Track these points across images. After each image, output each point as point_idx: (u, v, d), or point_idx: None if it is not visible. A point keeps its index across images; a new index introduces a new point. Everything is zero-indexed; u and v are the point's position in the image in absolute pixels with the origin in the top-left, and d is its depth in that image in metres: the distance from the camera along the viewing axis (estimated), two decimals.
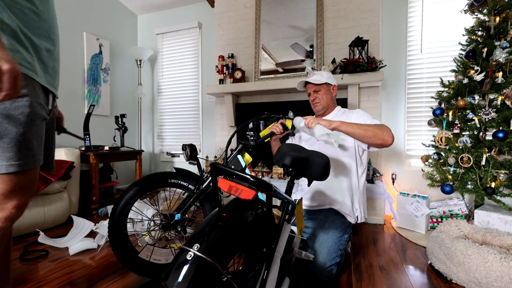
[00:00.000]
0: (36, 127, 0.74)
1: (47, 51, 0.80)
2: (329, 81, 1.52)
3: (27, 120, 0.70)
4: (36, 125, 0.74)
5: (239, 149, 1.43)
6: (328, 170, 1.03)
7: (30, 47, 0.73)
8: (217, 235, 0.65)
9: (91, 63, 2.99)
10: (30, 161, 0.73)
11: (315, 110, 1.58)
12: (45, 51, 0.79)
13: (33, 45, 0.74)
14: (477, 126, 1.78)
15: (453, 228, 1.51)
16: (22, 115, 0.69)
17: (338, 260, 1.26)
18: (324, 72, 1.54)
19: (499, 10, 1.81)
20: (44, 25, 0.78)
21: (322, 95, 1.52)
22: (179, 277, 0.57)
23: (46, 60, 0.80)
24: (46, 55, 0.80)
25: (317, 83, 1.50)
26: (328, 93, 1.53)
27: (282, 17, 2.66)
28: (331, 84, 1.54)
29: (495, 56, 1.75)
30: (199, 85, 3.39)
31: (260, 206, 0.80)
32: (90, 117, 2.49)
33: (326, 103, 1.53)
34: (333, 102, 1.57)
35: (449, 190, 1.79)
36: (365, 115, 1.41)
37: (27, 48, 0.72)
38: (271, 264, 0.76)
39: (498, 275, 1.12)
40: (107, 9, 3.23)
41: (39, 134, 0.76)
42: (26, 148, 0.71)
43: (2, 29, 0.66)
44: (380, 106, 2.52)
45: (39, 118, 0.75)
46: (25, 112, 0.70)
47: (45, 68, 0.79)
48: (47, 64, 0.80)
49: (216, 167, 0.73)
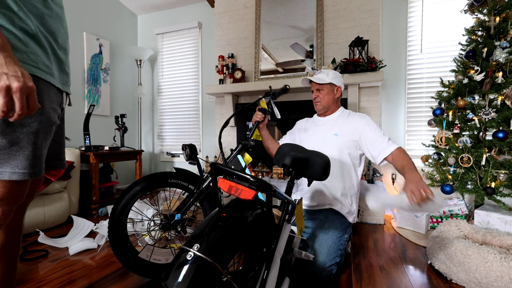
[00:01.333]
0: (47, 134, 0.72)
1: (63, 48, 0.78)
2: (334, 82, 1.49)
3: (39, 128, 0.68)
4: (47, 132, 0.72)
5: (239, 149, 1.43)
6: (328, 170, 1.03)
7: (49, 47, 0.71)
8: (217, 235, 0.65)
9: (91, 63, 2.99)
10: (36, 170, 0.70)
11: (316, 109, 1.57)
12: (61, 48, 0.77)
13: (50, 44, 0.72)
14: (477, 126, 1.78)
15: (453, 228, 1.51)
16: (36, 123, 0.67)
17: (338, 260, 1.26)
18: (331, 71, 1.51)
19: (499, 10, 1.81)
20: (58, 20, 0.76)
21: (324, 94, 1.50)
22: (179, 277, 0.57)
23: (62, 58, 0.78)
24: (62, 53, 0.78)
25: (320, 82, 1.48)
26: (331, 94, 1.51)
27: (282, 17, 2.66)
28: (335, 85, 1.52)
29: (495, 56, 1.75)
30: (199, 85, 3.39)
31: (260, 206, 0.80)
32: (90, 117, 2.49)
33: (327, 104, 1.52)
34: (336, 103, 1.55)
35: (449, 190, 1.79)
36: (376, 130, 1.40)
37: (46, 49, 0.70)
38: (271, 264, 0.76)
39: (498, 275, 1.12)
40: (107, 9, 3.23)
41: (47, 142, 0.74)
42: (34, 157, 0.69)
43: (25, 31, 0.64)
44: (380, 106, 2.51)
45: (51, 125, 0.73)
46: (38, 120, 0.67)
47: (61, 66, 0.77)
48: (63, 61, 0.78)
49: (216, 167, 0.73)
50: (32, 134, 0.67)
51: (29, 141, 0.66)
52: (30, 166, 0.68)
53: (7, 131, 0.63)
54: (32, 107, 0.57)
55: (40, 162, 0.72)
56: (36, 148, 0.68)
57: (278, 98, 1.42)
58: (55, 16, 0.75)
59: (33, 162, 0.68)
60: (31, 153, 0.67)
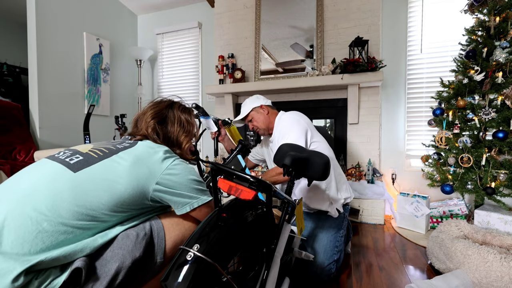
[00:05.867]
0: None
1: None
2: (254, 105, 1.53)
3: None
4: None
5: (239, 149, 1.43)
6: (328, 170, 1.02)
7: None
8: (217, 236, 0.65)
9: (91, 63, 2.99)
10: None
11: (261, 135, 1.62)
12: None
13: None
14: (477, 126, 1.78)
15: (453, 228, 1.50)
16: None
17: (336, 258, 1.26)
18: (247, 99, 1.58)
19: (499, 10, 1.81)
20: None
21: (256, 121, 1.55)
22: (179, 278, 0.57)
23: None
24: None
25: (245, 115, 1.53)
26: (260, 115, 1.54)
27: (282, 17, 2.66)
28: (257, 107, 1.54)
29: (495, 56, 1.75)
30: (199, 85, 3.39)
31: (260, 206, 0.80)
32: (90, 117, 2.49)
33: (264, 125, 1.54)
34: (270, 118, 1.55)
35: (449, 190, 1.79)
36: (281, 134, 1.38)
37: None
38: (271, 264, 0.76)
39: (498, 275, 1.12)
40: (107, 9, 3.22)
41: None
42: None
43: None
44: (380, 106, 2.51)
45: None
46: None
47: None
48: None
49: (216, 167, 0.72)
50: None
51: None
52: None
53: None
54: None
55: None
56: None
57: (203, 112, 1.49)
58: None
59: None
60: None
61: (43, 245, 0.61)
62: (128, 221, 0.77)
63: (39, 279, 0.60)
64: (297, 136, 1.35)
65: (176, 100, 1.03)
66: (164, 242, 0.79)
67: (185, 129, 0.97)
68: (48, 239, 0.62)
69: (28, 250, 0.60)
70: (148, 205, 0.80)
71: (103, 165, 0.74)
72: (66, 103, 2.75)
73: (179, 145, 0.96)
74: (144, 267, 0.74)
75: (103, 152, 0.78)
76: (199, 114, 1.48)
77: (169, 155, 0.85)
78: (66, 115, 2.75)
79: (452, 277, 1.17)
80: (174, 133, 0.95)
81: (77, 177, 0.70)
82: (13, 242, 0.59)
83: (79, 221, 0.66)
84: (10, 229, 0.60)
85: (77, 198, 0.67)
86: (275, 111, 1.59)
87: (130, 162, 0.77)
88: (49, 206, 0.64)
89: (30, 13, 2.49)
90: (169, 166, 0.81)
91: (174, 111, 0.97)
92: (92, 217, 0.68)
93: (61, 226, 0.64)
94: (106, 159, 0.76)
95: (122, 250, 0.69)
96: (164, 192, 0.79)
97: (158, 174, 0.78)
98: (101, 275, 0.65)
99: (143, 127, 0.91)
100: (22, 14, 2.62)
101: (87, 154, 0.77)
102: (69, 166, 0.72)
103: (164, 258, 0.79)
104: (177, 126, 0.95)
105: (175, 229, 0.83)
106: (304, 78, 2.44)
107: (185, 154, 0.98)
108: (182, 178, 0.82)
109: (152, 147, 0.84)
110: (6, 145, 2.25)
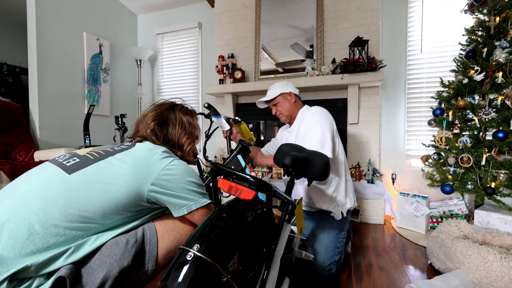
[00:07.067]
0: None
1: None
2: (283, 91, 1.53)
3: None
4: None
5: (239, 149, 1.43)
6: (328, 170, 1.02)
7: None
8: (217, 236, 0.65)
9: (91, 63, 2.99)
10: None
11: (282, 121, 1.61)
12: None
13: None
14: (477, 126, 1.78)
15: (453, 228, 1.50)
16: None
17: (337, 258, 1.26)
18: (277, 83, 1.56)
19: (499, 10, 1.81)
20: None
21: (281, 106, 1.54)
22: (179, 278, 0.57)
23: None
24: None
25: (272, 97, 1.52)
26: (286, 102, 1.54)
27: (282, 17, 2.66)
28: (285, 93, 1.54)
29: (495, 56, 1.75)
30: (199, 85, 3.38)
31: (260, 206, 0.80)
32: (90, 117, 2.49)
33: (288, 112, 1.54)
34: (295, 107, 1.55)
35: (449, 190, 1.79)
36: (313, 137, 1.32)
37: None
38: (271, 264, 0.76)
39: (498, 275, 1.12)
40: (107, 9, 3.22)
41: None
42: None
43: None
44: (380, 106, 2.51)
45: None
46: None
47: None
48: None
49: (216, 167, 0.72)
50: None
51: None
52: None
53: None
54: None
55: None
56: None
57: (214, 112, 1.47)
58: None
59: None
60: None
61: (34, 247, 0.61)
62: (123, 225, 0.76)
63: (22, 286, 0.59)
64: (325, 130, 1.33)
65: (179, 102, 1.02)
66: (156, 249, 0.78)
67: (186, 131, 0.96)
68: (39, 241, 0.61)
69: (18, 252, 0.59)
70: (145, 206, 0.79)
71: (98, 166, 0.74)
72: (66, 103, 2.75)
73: (180, 147, 0.95)
74: (133, 276, 0.73)
75: (99, 154, 0.78)
76: (211, 113, 1.48)
77: (168, 155, 0.84)
78: (66, 115, 2.75)
79: (452, 277, 1.17)
80: (175, 135, 0.94)
81: (71, 179, 0.70)
82: (5, 243, 0.59)
83: (71, 223, 0.65)
84: (4, 231, 0.60)
85: (70, 199, 0.67)
86: (300, 102, 1.59)
87: (127, 163, 0.76)
88: (42, 207, 0.64)
89: (30, 13, 2.49)
90: (166, 166, 0.80)
91: (176, 113, 0.97)
92: (85, 218, 0.67)
93: (53, 228, 0.63)
94: (101, 160, 0.76)
95: (110, 258, 0.67)
96: (160, 193, 0.78)
97: (154, 174, 0.77)
98: (87, 284, 0.64)
99: (142, 129, 0.91)
100: (22, 14, 2.62)
101: (84, 156, 0.77)
102: (64, 168, 0.72)
103: (156, 266, 0.77)
104: (178, 128, 0.95)
105: (169, 235, 0.82)
106: (304, 78, 2.44)
107: (187, 156, 0.97)
108: (180, 179, 0.80)
109: (150, 148, 0.83)
110: (6, 145, 2.25)
